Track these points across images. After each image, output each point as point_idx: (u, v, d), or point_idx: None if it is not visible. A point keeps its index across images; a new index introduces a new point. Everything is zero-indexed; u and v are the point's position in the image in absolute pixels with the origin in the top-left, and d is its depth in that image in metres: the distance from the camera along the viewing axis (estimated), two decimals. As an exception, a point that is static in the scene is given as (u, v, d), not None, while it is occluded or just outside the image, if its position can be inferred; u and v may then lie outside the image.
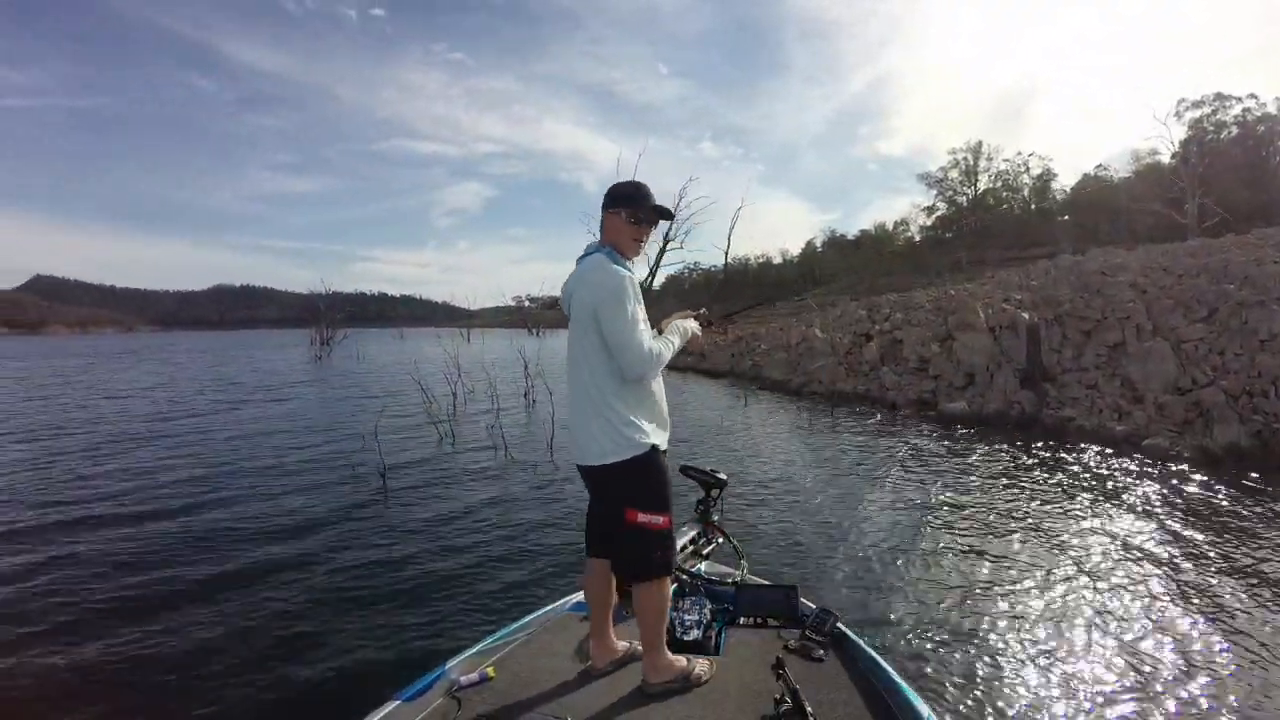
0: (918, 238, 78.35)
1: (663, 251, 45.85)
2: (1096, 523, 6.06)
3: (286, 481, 8.21)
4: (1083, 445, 9.15)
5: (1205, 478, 7.39)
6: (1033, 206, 70.58)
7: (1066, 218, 64.51)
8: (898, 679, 2.49)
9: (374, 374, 25.81)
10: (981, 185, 74.50)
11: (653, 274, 47.52)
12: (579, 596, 3.30)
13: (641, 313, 2.51)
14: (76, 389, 20.78)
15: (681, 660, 2.62)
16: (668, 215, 2.76)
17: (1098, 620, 4.23)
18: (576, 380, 2.60)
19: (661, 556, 2.55)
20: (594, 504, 2.75)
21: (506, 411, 13.03)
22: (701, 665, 2.63)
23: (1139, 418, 9.46)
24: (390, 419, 11.79)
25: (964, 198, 75.83)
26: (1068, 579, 4.88)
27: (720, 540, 3.66)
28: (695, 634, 2.95)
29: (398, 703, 2.37)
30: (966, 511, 6.51)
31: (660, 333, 2.75)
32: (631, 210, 2.65)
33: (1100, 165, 65.19)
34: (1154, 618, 4.24)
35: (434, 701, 2.45)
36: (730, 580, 3.37)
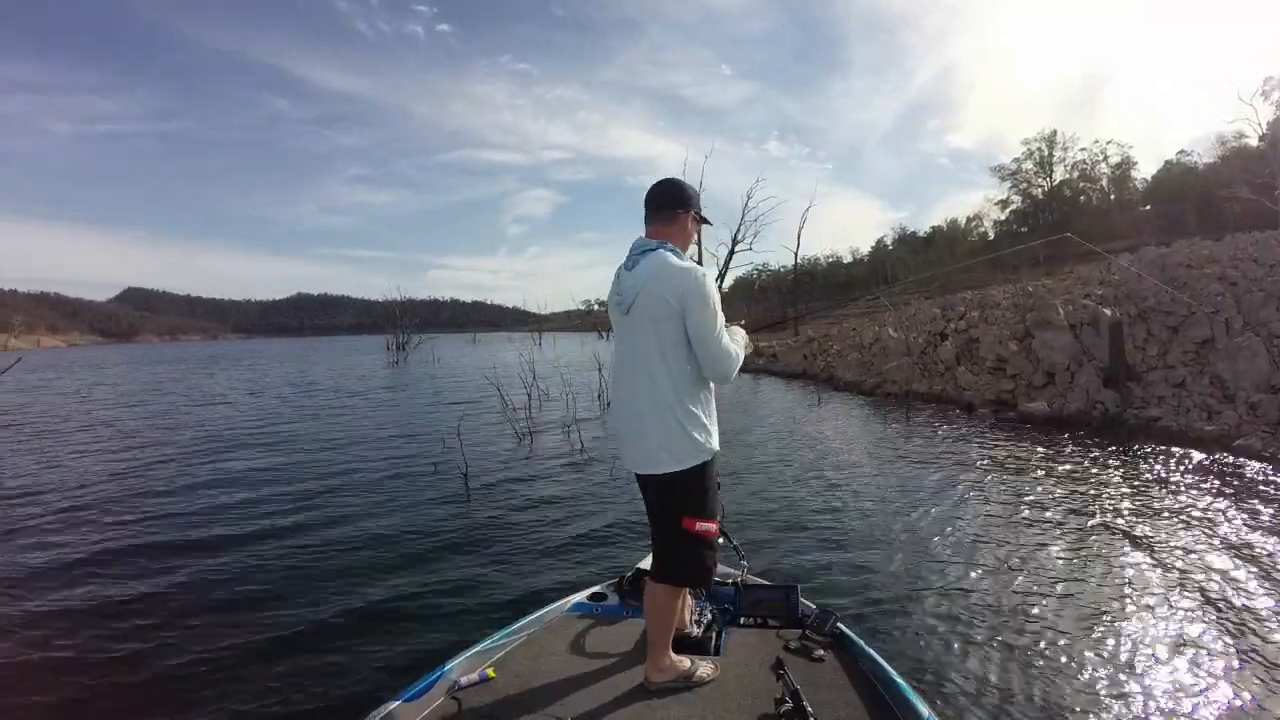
0: (991, 233, 76.61)
1: (731, 253, 46.01)
2: (1176, 528, 5.85)
3: (368, 484, 8.49)
4: (1169, 446, 8.91)
5: (1301, 479, 7.14)
6: (1112, 197, 68.38)
7: (1149, 208, 62.37)
8: (898, 679, 2.48)
9: (450, 378, 26.53)
10: (1057, 176, 72.52)
11: (722, 275, 47.67)
12: (579, 597, 3.38)
13: (722, 314, 2.46)
14: (168, 395, 21.88)
15: (685, 661, 2.62)
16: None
17: (1149, 631, 4.06)
18: (641, 384, 2.50)
19: (713, 566, 2.60)
20: (650, 509, 2.68)
21: (582, 414, 13.31)
22: (705, 668, 2.63)
23: (1229, 417, 9.22)
24: (470, 421, 12.13)
25: (1039, 189, 73.89)
26: (1127, 585, 4.75)
27: (720, 540, 3.72)
28: (695, 634, 2.95)
29: (398, 703, 2.38)
30: (1035, 513, 6.43)
31: None
32: (698, 212, 2.67)
33: (1182, 151, 62.83)
34: (1213, 630, 4.03)
35: (434, 702, 2.46)
36: (730, 580, 3.37)
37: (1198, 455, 8.37)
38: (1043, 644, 3.95)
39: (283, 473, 9.22)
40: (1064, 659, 3.77)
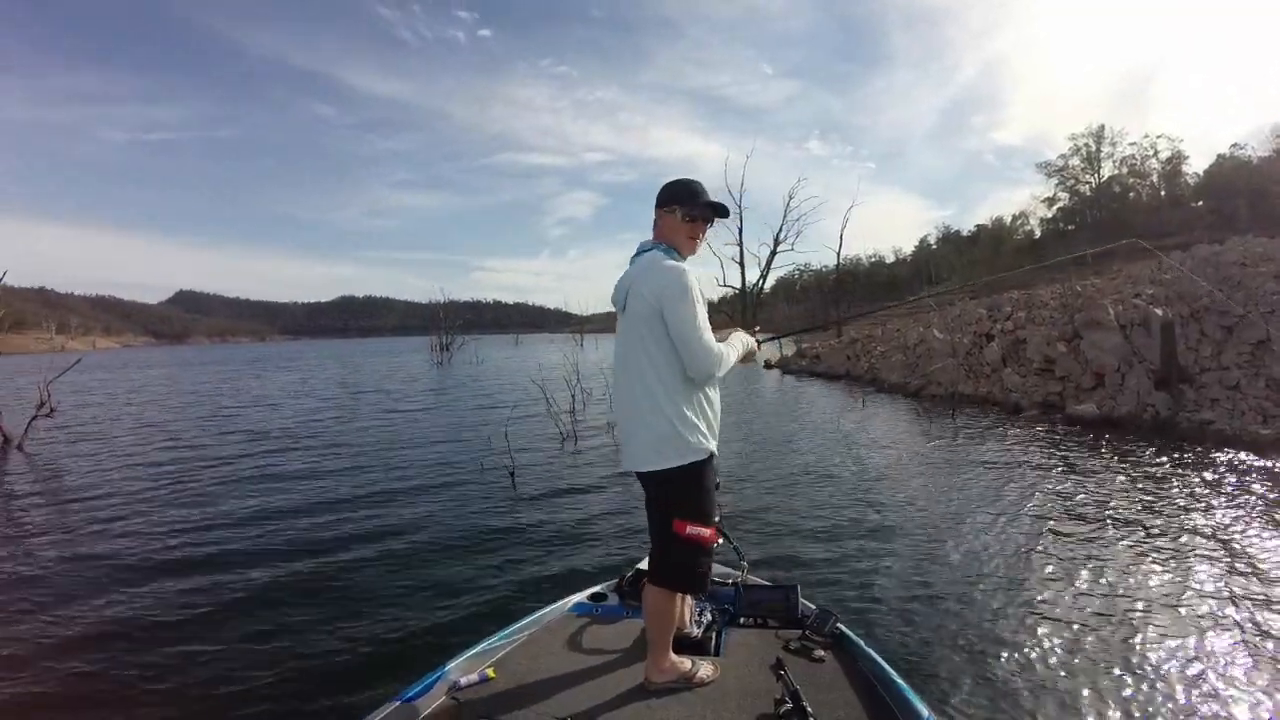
0: (1038, 232, 75.35)
1: (773, 254, 46.07)
2: (1225, 534, 5.66)
3: (412, 485, 8.54)
4: (1221, 450, 8.74)
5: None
6: (1162, 193, 66.83)
7: (1200, 204, 60.89)
8: (898, 679, 2.49)
9: (495, 379, 26.86)
10: (1105, 172, 71.10)
11: (764, 276, 47.69)
12: (579, 597, 3.40)
13: (704, 311, 2.47)
14: (216, 398, 22.35)
15: (685, 662, 2.63)
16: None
17: (1180, 641, 3.95)
18: (632, 382, 2.54)
19: (706, 572, 2.58)
20: (648, 509, 2.72)
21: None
22: (706, 668, 2.64)
23: (1286, 420, 9.04)
24: (515, 425, 12.25)
25: (1087, 186, 72.48)
26: (1161, 590, 4.62)
27: (720, 540, 3.69)
28: (695, 634, 2.96)
29: (398, 703, 2.39)
30: (1074, 516, 6.32)
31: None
32: (686, 208, 2.61)
33: (1236, 144, 61.18)
34: (1253, 644, 3.91)
35: (434, 702, 2.47)
36: (730, 580, 3.39)
37: (1252, 459, 8.21)
38: (1062, 651, 3.88)
39: (325, 474, 9.34)
40: (1083, 668, 3.72)
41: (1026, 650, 3.90)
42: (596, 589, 3.48)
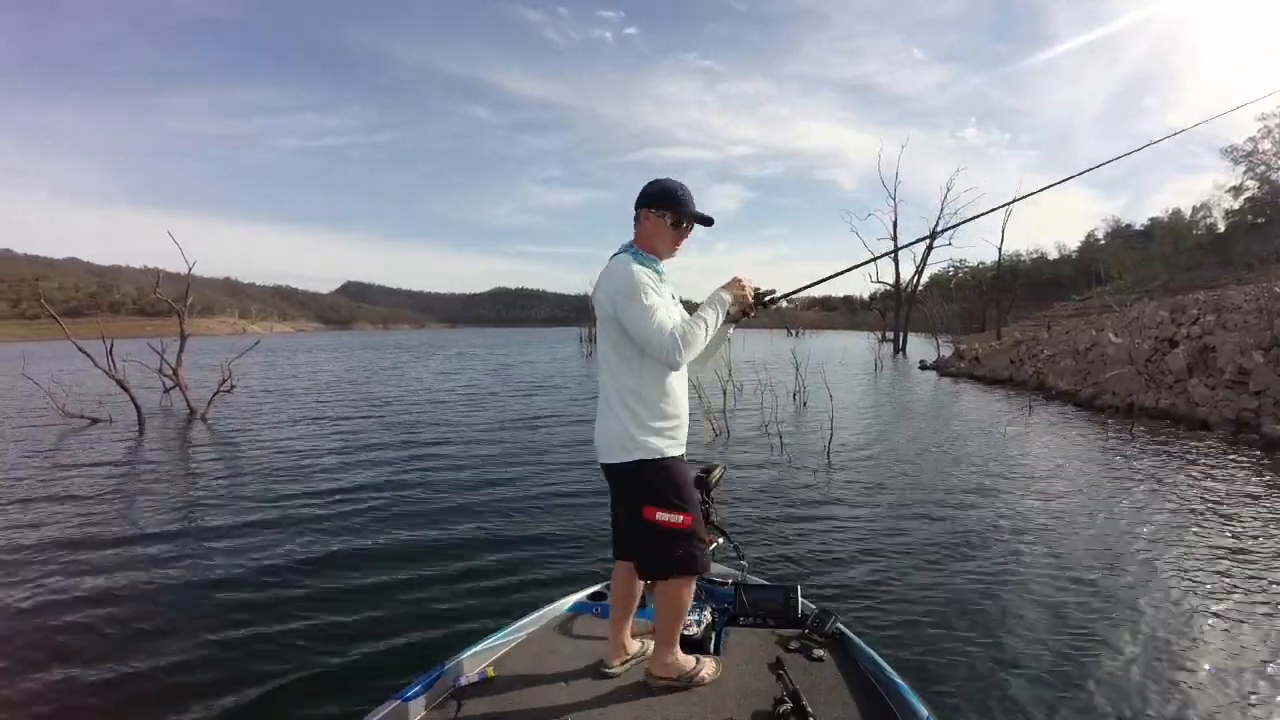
0: (1222, 225, 68.98)
1: (929, 250, 44.51)
2: None
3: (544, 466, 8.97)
4: None
5: None
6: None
7: None
8: (898, 679, 2.47)
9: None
10: (1304, 155, 64.16)
11: (919, 272, 46.14)
12: (579, 596, 3.40)
13: (660, 300, 2.45)
14: (374, 382, 23.86)
15: (690, 660, 2.64)
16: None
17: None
18: (601, 378, 2.61)
19: (685, 554, 2.51)
20: (615, 504, 2.73)
21: (782, 415, 13.28)
22: (709, 667, 2.64)
23: None
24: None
25: (1280, 173, 65.69)
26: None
27: (720, 540, 3.55)
28: (695, 633, 2.95)
29: (397, 702, 2.39)
30: (1244, 554, 5.58)
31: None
32: (676, 215, 2.60)
33: None
34: None
35: (434, 701, 2.49)
36: (730, 580, 3.38)
37: None
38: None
39: (456, 459, 9.85)
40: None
41: None
42: (596, 588, 3.49)
